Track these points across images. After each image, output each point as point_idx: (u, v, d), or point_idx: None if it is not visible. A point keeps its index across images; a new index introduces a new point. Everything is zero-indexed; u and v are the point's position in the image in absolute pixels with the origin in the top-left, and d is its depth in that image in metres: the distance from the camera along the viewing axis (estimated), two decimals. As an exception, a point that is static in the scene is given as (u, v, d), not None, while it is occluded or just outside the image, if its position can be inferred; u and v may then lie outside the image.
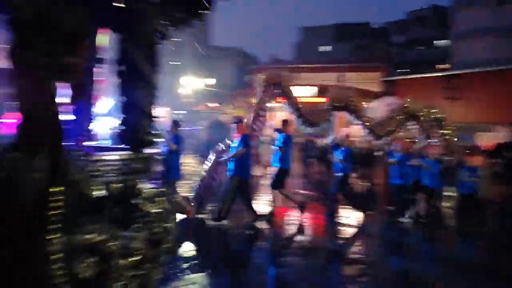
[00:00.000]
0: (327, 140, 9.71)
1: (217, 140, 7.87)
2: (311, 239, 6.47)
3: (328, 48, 39.49)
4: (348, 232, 6.75)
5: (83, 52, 1.49)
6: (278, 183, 7.13)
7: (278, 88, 8.05)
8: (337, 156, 7.86)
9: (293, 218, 7.21)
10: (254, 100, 10.19)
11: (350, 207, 7.74)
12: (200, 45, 32.75)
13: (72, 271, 1.52)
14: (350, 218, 7.52)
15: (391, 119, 8.52)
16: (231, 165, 6.65)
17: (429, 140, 8.46)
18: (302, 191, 9.40)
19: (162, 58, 2.29)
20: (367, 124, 8.47)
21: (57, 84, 1.41)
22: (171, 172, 6.37)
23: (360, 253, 5.82)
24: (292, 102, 8.12)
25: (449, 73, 23.11)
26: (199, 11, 2.55)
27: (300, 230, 6.72)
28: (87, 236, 1.66)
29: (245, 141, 6.62)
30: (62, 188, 1.42)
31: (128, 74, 2.17)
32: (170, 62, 28.02)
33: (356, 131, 9.45)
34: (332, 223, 7.29)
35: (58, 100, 1.41)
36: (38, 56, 1.39)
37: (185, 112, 24.22)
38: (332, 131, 8.76)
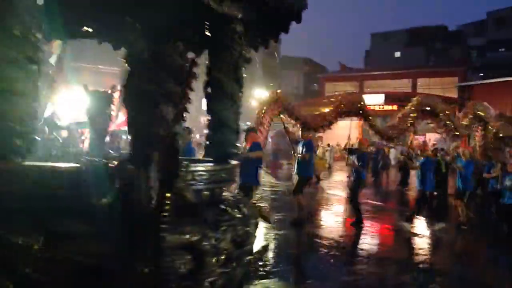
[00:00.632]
0: (397, 151, 9.63)
1: (281, 149, 8.43)
2: (382, 247, 6.42)
3: (399, 54, 38.17)
4: (418, 240, 6.64)
5: (186, 78, 1.77)
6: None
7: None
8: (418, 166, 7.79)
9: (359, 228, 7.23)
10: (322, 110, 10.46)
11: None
12: (271, 56, 33.38)
13: (174, 266, 1.79)
14: (421, 226, 7.40)
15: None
16: (297, 167, 7.35)
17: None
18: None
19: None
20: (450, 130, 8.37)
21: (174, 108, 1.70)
22: (249, 179, 6.69)
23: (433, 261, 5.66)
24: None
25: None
26: (278, 32, 2.80)
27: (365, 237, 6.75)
28: (185, 236, 1.93)
29: (309, 145, 7.44)
30: (171, 194, 1.70)
31: (216, 95, 2.45)
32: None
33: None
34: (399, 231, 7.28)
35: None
36: (149, 84, 1.69)
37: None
38: (403, 141, 8.64)
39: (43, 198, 1.84)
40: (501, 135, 8.82)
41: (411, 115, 8.61)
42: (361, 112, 8.93)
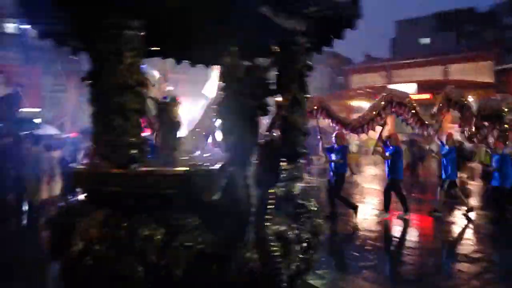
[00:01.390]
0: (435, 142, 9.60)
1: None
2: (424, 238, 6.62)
3: (428, 40, 37.34)
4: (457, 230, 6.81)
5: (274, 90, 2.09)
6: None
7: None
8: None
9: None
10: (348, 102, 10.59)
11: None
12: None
13: (273, 251, 2.12)
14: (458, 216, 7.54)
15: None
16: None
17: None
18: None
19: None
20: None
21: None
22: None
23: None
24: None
25: None
26: (332, 39, 3.09)
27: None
28: (275, 227, 2.26)
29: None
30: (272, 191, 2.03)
31: (284, 100, 2.76)
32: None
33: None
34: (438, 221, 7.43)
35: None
36: (245, 98, 2.01)
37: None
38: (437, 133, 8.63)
39: (158, 197, 2.22)
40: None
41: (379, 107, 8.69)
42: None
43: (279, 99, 2.72)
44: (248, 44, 2.75)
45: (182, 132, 3.49)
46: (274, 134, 1.99)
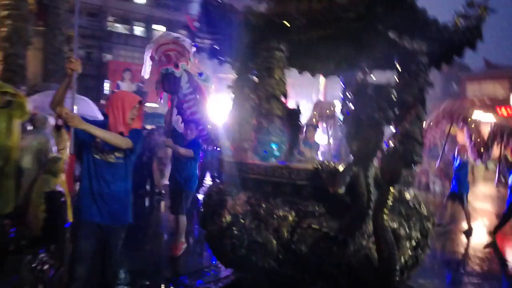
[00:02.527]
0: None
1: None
2: None
3: None
4: None
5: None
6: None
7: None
8: None
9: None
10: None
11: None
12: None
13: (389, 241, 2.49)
14: None
15: None
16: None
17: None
18: None
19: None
20: None
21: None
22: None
23: None
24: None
25: None
26: (453, 57, 3.33)
27: None
28: (389, 223, 2.62)
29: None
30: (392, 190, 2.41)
31: (402, 113, 3.09)
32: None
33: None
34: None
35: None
36: (373, 111, 2.42)
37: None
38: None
39: (291, 186, 2.74)
40: None
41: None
42: None
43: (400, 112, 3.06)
44: (374, 61, 3.18)
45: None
46: (394, 143, 2.35)
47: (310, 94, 19.98)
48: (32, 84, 12.11)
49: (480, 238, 7.25)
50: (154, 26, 31.62)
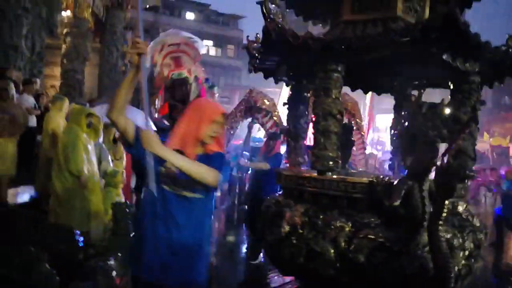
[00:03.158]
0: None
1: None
2: None
3: None
4: None
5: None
6: None
7: None
8: None
9: None
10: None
11: None
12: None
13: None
14: None
15: None
16: None
17: None
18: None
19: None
20: None
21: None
22: None
23: None
24: None
25: None
26: (505, 77, 3.40)
27: None
28: (443, 234, 2.73)
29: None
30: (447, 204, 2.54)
31: (456, 130, 3.20)
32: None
33: None
34: None
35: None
36: (427, 128, 2.57)
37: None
38: None
39: (347, 199, 2.92)
40: None
41: None
42: None
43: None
44: (428, 80, 3.33)
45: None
46: (448, 158, 2.49)
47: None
48: (88, 98, 12.98)
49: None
50: (203, 42, 32.86)
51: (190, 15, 35.05)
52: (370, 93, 5.77)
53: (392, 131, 4.24)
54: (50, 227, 4.33)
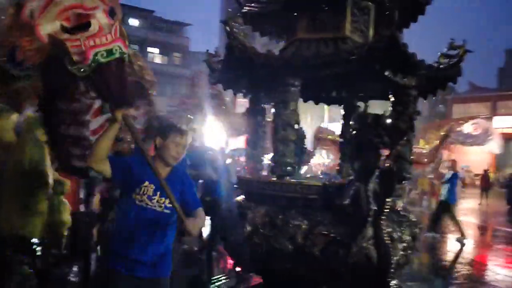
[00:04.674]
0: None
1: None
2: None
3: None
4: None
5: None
6: None
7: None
8: None
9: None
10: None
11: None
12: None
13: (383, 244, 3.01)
14: None
15: None
16: None
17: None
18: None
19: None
20: None
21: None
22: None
23: None
24: None
25: None
26: (437, 91, 3.92)
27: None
28: (385, 229, 3.14)
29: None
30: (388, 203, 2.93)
31: (395, 137, 3.66)
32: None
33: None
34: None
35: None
36: (373, 136, 2.96)
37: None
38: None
39: (303, 200, 3.25)
40: None
41: None
42: None
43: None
44: (372, 93, 3.78)
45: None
46: (389, 163, 2.90)
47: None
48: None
49: (466, 247, 7.80)
50: (148, 49, 32.24)
51: (134, 22, 34.00)
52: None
53: (341, 139, 4.67)
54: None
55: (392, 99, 3.67)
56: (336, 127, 10.08)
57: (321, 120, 20.01)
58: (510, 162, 24.13)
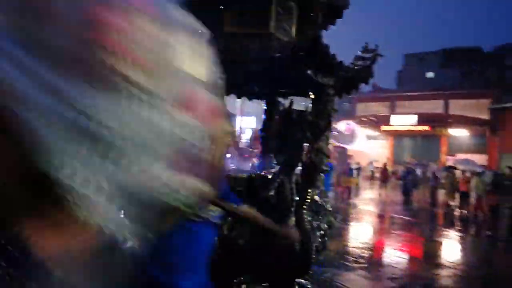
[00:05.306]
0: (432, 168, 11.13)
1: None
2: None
3: (433, 74, 38.70)
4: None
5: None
6: None
7: None
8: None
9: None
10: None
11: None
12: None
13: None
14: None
15: None
16: None
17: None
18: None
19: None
20: None
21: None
22: None
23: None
24: None
25: None
26: (352, 90, 4.25)
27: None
28: (306, 217, 3.35)
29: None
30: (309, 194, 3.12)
31: (314, 132, 3.90)
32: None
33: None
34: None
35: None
36: (297, 131, 3.14)
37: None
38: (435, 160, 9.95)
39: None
40: None
41: None
42: None
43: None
44: (296, 90, 3.97)
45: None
46: (310, 157, 3.10)
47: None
48: None
49: (366, 233, 8.59)
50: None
51: None
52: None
53: (261, 133, 4.83)
54: None
55: (313, 96, 3.91)
56: (251, 121, 10.38)
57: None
58: (405, 157, 26.80)
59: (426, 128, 27.11)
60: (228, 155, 4.22)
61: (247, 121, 22.16)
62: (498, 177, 12.51)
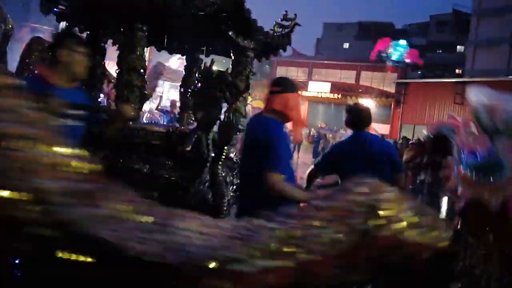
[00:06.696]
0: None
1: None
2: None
3: (348, 45, 40.55)
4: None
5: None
6: None
7: None
8: None
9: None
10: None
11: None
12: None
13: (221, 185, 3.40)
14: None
15: None
16: None
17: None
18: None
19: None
20: None
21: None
22: None
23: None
24: None
25: (461, 79, 24.53)
26: (270, 55, 4.41)
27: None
28: (221, 173, 3.52)
29: None
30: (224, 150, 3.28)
31: (233, 92, 4.03)
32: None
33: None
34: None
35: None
36: (216, 91, 3.23)
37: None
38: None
39: (146, 145, 3.36)
40: None
41: None
42: None
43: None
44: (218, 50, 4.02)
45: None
46: (228, 115, 3.24)
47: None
48: None
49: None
50: None
51: None
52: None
53: (182, 88, 4.84)
54: None
55: (233, 58, 4.01)
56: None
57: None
58: (318, 121, 28.28)
59: (338, 96, 28.70)
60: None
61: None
62: (396, 145, 13.91)
